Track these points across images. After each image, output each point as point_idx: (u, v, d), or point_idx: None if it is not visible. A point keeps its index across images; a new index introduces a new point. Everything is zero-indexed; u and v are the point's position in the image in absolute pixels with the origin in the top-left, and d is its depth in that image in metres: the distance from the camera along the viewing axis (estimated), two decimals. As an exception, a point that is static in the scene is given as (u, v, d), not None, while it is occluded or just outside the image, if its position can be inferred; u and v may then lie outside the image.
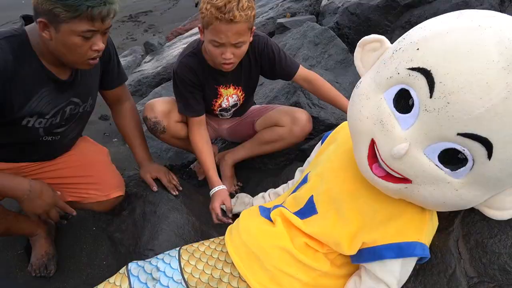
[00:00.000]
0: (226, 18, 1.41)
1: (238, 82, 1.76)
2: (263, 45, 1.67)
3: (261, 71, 1.79)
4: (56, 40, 1.25)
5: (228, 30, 1.45)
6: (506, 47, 0.79)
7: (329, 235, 1.13)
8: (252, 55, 1.69)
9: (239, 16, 1.42)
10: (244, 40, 1.51)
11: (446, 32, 0.87)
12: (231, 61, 1.54)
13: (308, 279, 1.12)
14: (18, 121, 1.34)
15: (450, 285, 1.06)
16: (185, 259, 1.23)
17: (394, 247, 1.05)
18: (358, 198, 1.14)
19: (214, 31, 1.47)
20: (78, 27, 1.22)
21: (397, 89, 0.94)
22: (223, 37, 1.46)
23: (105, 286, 1.19)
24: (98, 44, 1.29)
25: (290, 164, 1.94)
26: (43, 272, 1.59)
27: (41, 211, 1.42)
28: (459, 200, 0.94)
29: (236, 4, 1.41)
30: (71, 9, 1.18)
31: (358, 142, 1.04)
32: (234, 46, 1.50)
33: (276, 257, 1.14)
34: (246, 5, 1.44)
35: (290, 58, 1.73)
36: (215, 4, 1.41)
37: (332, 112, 1.97)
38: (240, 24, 1.44)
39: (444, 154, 0.89)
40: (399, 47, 0.97)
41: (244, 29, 1.48)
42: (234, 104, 1.85)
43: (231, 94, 1.79)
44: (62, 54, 1.29)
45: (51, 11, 1.18)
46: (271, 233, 1.20)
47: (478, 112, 0.79)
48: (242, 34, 1.48)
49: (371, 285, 1.08)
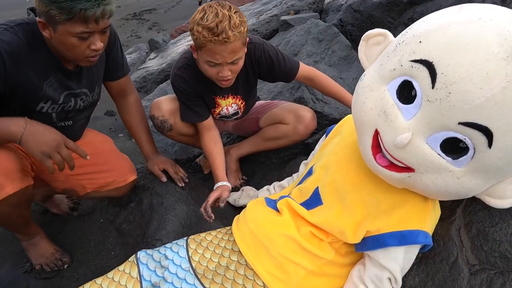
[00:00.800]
0: (219, 39, 1.39)
1: (236, 91, 1.75)
2: (259, 52, 1.65)
3: (260, 76, 1.77)
4: (55, 39, 1.29)
5: (223, 51, 1.43)
6: (505, 39, 0.81)
7: (334, 224, 1.16)
8: (249, 63, 1.67)
9: (232, 36, 1.40)
10: (239, 56, 1.50)
11: (447, 25, 0.90)
12: (229, 77, 1.53)
13: (313, 267, 1.15)
14: (33, 107, 1.38)
15: (452, 273, 1.09)
16: (192, 248, 1.26)
17: (397, 235, 1.08)
18: (362, 189, 1.17)
19: (209, 53, 1.45)
20: (73, 28, 1.24)
21: (400, 80, 0.96)
22: (218, 57, 1.45)
23: (114, 273, 1.22)
24: (95, 44, 1.31)
25: (295, 158, 1.96)
26: (60, 266, 1.62)
27: (48, 148, 1.26)
28: (461, 188, 0.97)
29: (227, 23, 1.39)
30: (64, 12, 1.20)
31: (362, 133, 1.07)
32: (230, 64, 1.49)
33: (282, 245, 1.17)
34: (238, 22, 1.42)
35: (289, 59, 1.71)
36: (206, 25, 1.39)
37: (336, 107, 2.00)
38: (234, 43, 1.42)
39: (446, 143, 0.91)
40: (402, 40, 1.00)
41: (239, 46, 1.46)
42: (235, 113, 1.86)
43: (230, 103, 1.79)
44: (62, 52, 1.34)
45: (48, 13, 1.22)
46: (277, 222, 1.23)
47: (479, 102, 0.82)
48: (237, 51, 1.47)
49: (375, 273, 1.11)
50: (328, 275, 1.17)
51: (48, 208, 1.85)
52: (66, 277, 1.56)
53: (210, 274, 1.18)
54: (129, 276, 1.19)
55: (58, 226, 1.75)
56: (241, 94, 1.78)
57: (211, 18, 1.39)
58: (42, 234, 1.63)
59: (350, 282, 1.17)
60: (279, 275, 1.14)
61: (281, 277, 1.14)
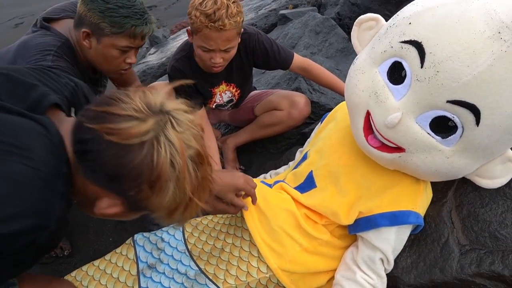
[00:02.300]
0: (215, 26, 1.43)
1: (229, 79, 1.78)
2: (254, 42, 1.68)
3: (255, 65, 1.81)
4: (95, 50, 1.36)
5: (218, 38, 1.47)
6: (492, 18, 0.83)
7: (327, 206, 1.18)
8: (244, 52, 1.70)
9: (228, 24, 1.43)
10: (233, 45, 1.54)
11: (436, 6, 0.92)
12: (221, 64, 1.57)
13: (308, 245, 1.17)
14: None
15: (443, 253, 1.11)
16: (188, 231, 1.28)
17: (389, 215, 1.10)
18: (355, 171, 1.19)
19: (204, 38, 1.48)
20: (119, 42, 1.33)
21: (391, 62, 0.99)
22: (212, 44, 1.48)
23: (112, 256, 1.24)
24: (131, 58, 1.41)
25: (291, 147, 1.97)
26: (60, 253, 1.64)
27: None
28: (451, 168, 0.99)
29: (225, 11, 1.42)
30: (116, 25, 1.29)
31: (354, 115, 1.09)
32: (223, 51, 1.53)
33: (283, 219, 1.19)
34: (235, 11, 1.45)
35: (283, 49, 1.74)
36: (204, 11, 1.42)
37: (333, 97, 2.01)
38: (229, 31, 1.46)
39: (435, 123, 0.93)
40: (393, 23, 1.02)
41: (233, 35, 1.50)
42: (230, 100, 1.88)
43: (223, 90, 1.82)
44: (98, 62, 1.41)
45: (98, 25, 1.29)
46: (280, 197, 1.26)
47: (466, 79, 0.84)
48: (231, 40, 1.51)
49: (367, 253, 1.13)
50: (322, 254, 1.19)
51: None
52: (65, 262, 1.58)
53: (205, 255, 1.20)
54: (126, 258, 1.21)
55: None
56: (235, 82, 1.81)
57: (209, 4, 1.43)
58: None
59: (343, 264, 1.19)
60: (276, 247, 1.16)
61: (277, 249, 1.15)
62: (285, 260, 1.14)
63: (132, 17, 1.30)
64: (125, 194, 0.71)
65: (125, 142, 0.67)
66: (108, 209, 0.74)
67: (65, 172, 0.70)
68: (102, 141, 0.67)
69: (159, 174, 0.68)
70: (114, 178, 0.69)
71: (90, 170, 0.70)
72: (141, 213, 0.80)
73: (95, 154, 0.69)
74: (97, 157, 0.68)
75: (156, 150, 0.67)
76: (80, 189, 0.75)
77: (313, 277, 1.19)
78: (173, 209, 0.74)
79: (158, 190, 0.70)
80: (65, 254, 1.62)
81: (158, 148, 0.68)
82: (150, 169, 0.67)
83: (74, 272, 1.19)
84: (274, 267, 1.14)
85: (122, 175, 0.68)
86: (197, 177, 0.74)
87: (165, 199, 0.71)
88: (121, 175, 0.68)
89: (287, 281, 1.15)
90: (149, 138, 0.68)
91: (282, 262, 1.15)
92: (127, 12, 1.29)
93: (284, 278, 1.15)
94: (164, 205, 0.73)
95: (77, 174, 0.73)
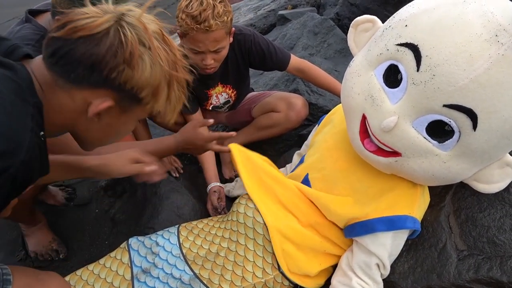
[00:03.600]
0: (201, 28, 1.41)
1: (225, 81, 1.77)
2: (249, 43, 1.66)
3: (251, 66, 1.79)
4: None
5: (206, 39, 1.45)
6: (489, 21, 0.82)
7: (320, 198, 1.19)
8: (239, 53, 1.69)
9: (215, 25, 1.41)
10: (223, 45, 1.51)
11: (432, 8, 0.90)
12: (213, 66, 1.56)
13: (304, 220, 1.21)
14: None
15: (440, 259, 1.09)
16: (183, 235, 1.27)
17: (386, 220, 1.08)
18: (351, 175, 1.18)
19: (192, 40, 1.47)
20: None
21: (387, 65, 0.97)
22: (201, 45, 1.47)
23: (106, 260, 1.23)
24: None
25: (289, 150, 1.96)
26: (55, 256, 1.62)
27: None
28: (448, 172, 0.98)
29: (211, 12, 1.40)
30: (87, 6, 1.23)
31: (350, 118, 1.08)
32: (213, 52, 1.51)
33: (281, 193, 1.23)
34: (221, 11, 1.43)
35: (280, 50, 1.72)
36: (190, 13, 1.40)
37: (331, 99, 2.00)
38: (217, 31, 1.44)
39: (431, 127, 0.92)
40: (389, 25, 1.01)
41: (222, 35, 1.48)
42: (226, 101, 1.87)
43: (220, 92, 1.80)
44: None
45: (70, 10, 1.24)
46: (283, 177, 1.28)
47: (463, 83, 0.83)
48: (220, 41, 1.48)
49: (363, 259, 1.11)
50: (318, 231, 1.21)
51: (44, 199, 1.86)
52: (61, 266, 1.57)
53: (200, 260, 1.19)
54: (120, 262, 1.20)
55: (53, 216, 1.75)
56: (231, 84, 1.79)
57: (195, 6, 1.41)
58: (44, 222, 1.65)
59: (339, 270, 1.18)
60: (273, 207, 1.20)
61: (274, 210, 1.19)
62: (282, 223, 1.16)
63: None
64: (109, 80, 0.77)
65: (92, 33, 0.74)
66: (101, 104, 0.78)
67: (31, 112, 0.74)
68: (72, 40, 0.74)
69: (131, 51, 0.75)
70: (93, 68, 0.75)
71: (70, 72, 0.76)
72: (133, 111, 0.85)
73: (69, 55, 0.75)
74: (72, 55, 0.75)
75: (122, 33, 0.76)
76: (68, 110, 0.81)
77: (306, 258, 1.18)
78: (156, 86, 0.81)
79: (135, 66, 0.76)
80: (61, 258, 1.61)
81: (122, 31, 0.76)
82: (122, 49, 0.75)
83: (68, 277, 1.18)
84: (270, 225, 1.15)
85: (99, 61, 0.75)
86: (167, 52, 0.81)
87: (145, 73, 0.78)
88: (98, 61, 0.75)
89: (279, 251, 1.14)
90: (112, 25, 0.76)
91: (279, 224, 1.16)
92: None
93: (277, 243, 1.14)
94: (147, 81, 0.79)
95: (58, 93, 0.79)
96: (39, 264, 1.57)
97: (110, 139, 0.94)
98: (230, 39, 1.55)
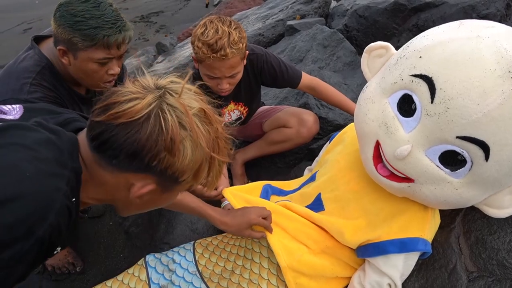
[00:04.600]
0: (218, 56, 1.43)
1: (238, 99, 1.80)
2: (262, 62, 1.69)
3: (263, 84, 1.82)
4: (74, 66, 1.33)
5: (222, 66, 1.48)
6: (502, 57, 0.85)
7: (334, 223, 1.21)
8: (251, 72, 1.71)
9: (231, 53, 1.44)
10: (238, 70, 1.54)
11: (447, 41, 0.93)
12: (227, 89, 1.59)
13: (315, 247, 1.22)
14: None
15: (450, 279, 1.12)
16: (199, 252, 1.30)
17: (398, 243, 1.11)
18: (363, 197, 1.21)
19: (208, 67, 1.50)
20: (95, 54, 1.29)
21: (401, 94, 1.00)
22: (217, 72, 1.50)
23: (124, 276, 1.26)
24: (113, 68, 1.36)
25: (299, 163, 1.99)
26: (72, 269, 1.65)
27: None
28: (459, 198, 1.00)
29: (227, 40, 1.43)
30: (87, 38, 1.25)
31: (364, 143, 1.11)
32: (229, 77, 1.54)
33: (289, 226, 1.24)
34: (237, 38, 1.45)
35: (292, 69, 1.75)
36: (206, 41, 1.43)
37: (340, 113, 2.02)
38: (232, 59, 1.47)
39: (444, 156, 0.95)
40: (403, 55, 1.03)
41: (237, 61, 1.51)
42: (238, 118, 1.90)
43: (232, 109, 1.83)
44: (80, 78, 1.38)
45: (70, 40, 1.26)
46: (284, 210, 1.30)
47: (476, 117, 0.86)
48: (235, 66, 1.51)
49: (375, 279, 1.14)
50: (330, 256, 1.22)
51: None
52: (77, 279, 1.61)
53: (216, 277, 1.22)
54: (138, 279, 1.23)
55: (68, 228, 1.80)
56: (243, 101, 1.82)
57: (211, 34, 1.44)
58: None
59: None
60: (288, 243, 1.21)
61: (289, 246, 1.20)
62: (294, 259, 1.17)
63: (103, 27, 1.25)
64: (150, 167, 0.76)
65: (133, 119, 0.73)
66: (143, 188, 0.79)
67: (68, 176, 0.75)
68: (113, 126, 0.73)
69: (172, 137, 0.74)
70: (134, 155, 0.74)
71: (112, 158, 0.76)
72: (174, 190, 0.85)
73: (110, 141, 0.74)
74: (113, 142, 0.74)
75: (163, 118, 0.74)
76: (110, 186, 0.81)
77: (318, 285, 1.21)
78: (197, 169, 0.80)
79: (177, 153, 0.75)
80: (77, 271, 1.64)
81: (163, 115, 0.74)
82: (163, 135, 0.73)
83: (87, 292, 1.22)
84: (283, 265, 1.16)
85: (140, 149, 0.74)
86: (209, 132, 0.80)
87: (186, 160, 0.77)
88: (139, 149, 0.74)
89: (293, 285, 1.17)
90: (153, 109, 0.74)
91: (291, 260, 1.17)
92: (97, 22, 1.25)
93: (290, 280, 1.17)
94: (188, 166, 0.78)
95: (101, 172, 0.79)
96: (57, 277, 1.61)
97: (148, 210, 0.96)
98: (244, 61, 1.58)
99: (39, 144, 0.74)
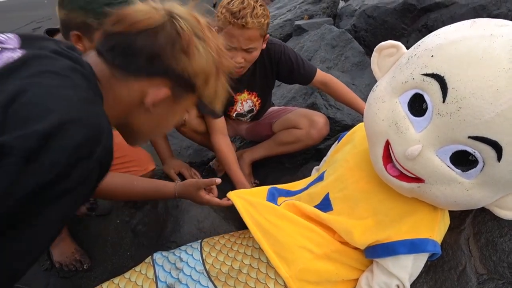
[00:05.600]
0: (238, 23, 1.48)
1: (252, 88, 1.81)
2: (279, 53, 1.72)
3: (278, 77, 1.84)
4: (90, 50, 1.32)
5: (240, 35, 1.52)
6: (516, 56, 0.83)
7: (342, 223, 1.19)
8: (269, 63, 1.74)
9: (251, 23, 1.48)
10: (255, 46, 1.57)
11: (459, 40, 0.92)
12: (242, 65, 1.60)
13: (320, 252, 1.18)
14: None
15: (460, 281, 1.11)
16: (206, 251, 1.30)
17: (407, 243, 1.10)
18: (373, 197, 1.20)
19: (227, 35, 1.53)
20: None
21: (412, 93, 0.99)
22: (234, 41, 1.53)
23: (131, 274, 1.26)
24: None
25: (307, 163, 1.99)
26: (79, 267, 1.66)
27: None
28: (470, 199, 0.99)
29: (250, 11, 1.48)
30: (101, 16, 1.23)
31: (373, 143, 1.10)
32: (245, 51, 1.56)
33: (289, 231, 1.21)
34: (260, 13, 1.51)
35: (307, 64, 1.78)
36: (230, 9, 1.49)
37: (348, 114, 2.02)
38: (252, 30, 1.51)
39: (455, 156, 0.94)
40: (414, 54, 1.02)
41: (256, 35, 1.54)
42: (250, 110, 1.90)
43: (245, 99, 1.84)
44: None
45: (84, 23, 1.25)
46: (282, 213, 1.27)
47: (489, 117, 0.84)
48: (253, 40, 1.54)
49: (383, 280, 1.13)
50: (335, 261, 1.19)
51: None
52: (84, 277, 1.61)
53: (223, 276, 1.22)
54: (145, 277, 1.23)
55: (75, 226, 1.80)
56: (257, 91, 1.83)
57: (236, 4, 1.50)
58: (66, 232, 1.68)
59: (359, 289, 1.20)
60: (286, 255, 1.17)
61: (288, 257, 1.16)
62: (296, 268, 1.15)
63: (113, 2, 1.25)
64: (168, 70, 0.83)
65: (151, 27, 0.80)
66: (158, 92, 0.84)
67: (100, 102, 0.78)
68: (132, 34, 0.80)
69: (188, 40, 0.82)
70: (154, 58, 0.81)
71: (130, 64, 0.82)
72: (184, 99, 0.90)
73: (130, 48, 0.81)
74: (133, 48, 0.81)
75: (178, 25, 0.82)
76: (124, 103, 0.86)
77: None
78: (208, 73, 0.88)
79: (192, 54, 0.83)
80: (85, 268, 1.65)
81: (178, 23, 0.82)
82: (180, 39, 0.81)
83: (94, 289, 1.22)
84: (285, 276, 1.14)
85: (160, 52, 0.81)
86: (216, 40, 0.89)
87: (200, 61, 0.85)
88: (159, 52, 0.81)
89: None
90: (167, 20, 0.82)
91: (293, 271, 1.15)
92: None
93: None
94: (201, 68, 0.86)
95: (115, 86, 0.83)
96: (64, 274, 1.61)
97: (158, 131, 1.03)
98: (263, 45, 1.60)
99: (70, 71, 0.75)
